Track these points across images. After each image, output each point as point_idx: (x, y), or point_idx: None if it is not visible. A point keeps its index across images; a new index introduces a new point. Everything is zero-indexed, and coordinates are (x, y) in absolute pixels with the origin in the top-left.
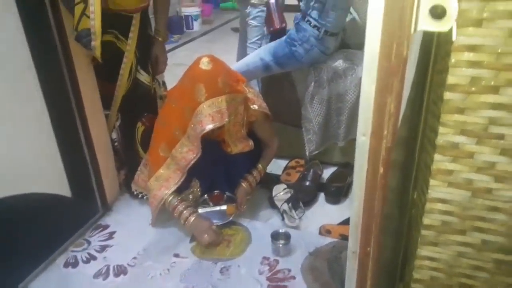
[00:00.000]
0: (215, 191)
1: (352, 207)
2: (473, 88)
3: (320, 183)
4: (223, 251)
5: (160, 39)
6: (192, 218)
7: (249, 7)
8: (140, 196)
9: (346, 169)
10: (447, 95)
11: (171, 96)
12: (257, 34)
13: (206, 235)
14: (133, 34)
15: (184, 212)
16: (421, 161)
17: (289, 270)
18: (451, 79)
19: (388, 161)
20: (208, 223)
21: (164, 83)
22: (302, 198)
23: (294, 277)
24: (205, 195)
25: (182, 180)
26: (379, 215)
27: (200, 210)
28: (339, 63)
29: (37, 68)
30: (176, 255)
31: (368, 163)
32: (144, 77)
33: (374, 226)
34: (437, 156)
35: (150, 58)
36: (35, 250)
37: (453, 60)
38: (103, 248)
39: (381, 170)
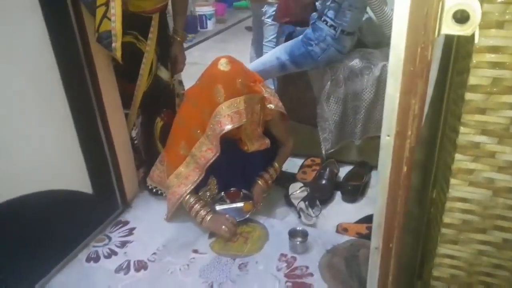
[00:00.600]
0: (232, 189)
1: (375, 205)
2: (494, 89)
3: (337, 182)
4: (241, 247)
5: (178, 39)
6: (208, 217)
7: (265, 6)
8: (154, 190)
9: (362, 168)
10: (468, 95)
11: (190, 96)
12: (273, 32)
13: (223, 227)
14: (153, 34)
15: (201, 211)
16: (440, 160)
17: (307, 267)
18: (472, 80)
19: (411, 161)
20: (224, 216)
21: (181, 82)
22: (319, 197)
23: (312, 274)
24: (222, 193)
25: (200, 178)
26: (402, 213)
27: (217, 207)
28: (356, 62)
29: (60, 69)
30: (195, 251)
31: (392, 163)
32: (164, 73)
33: (397, 223)
34: (458, 156)
35: (170, 56)
36: (58, 245)
37: (474, 61)
38: (123, 244)
39: (405, 169)
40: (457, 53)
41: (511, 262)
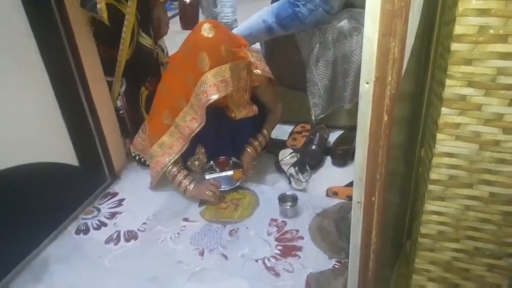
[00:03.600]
0: (221, 157)
1: (356, 157)
2: (481, 38)
3: (327, 147)
4: (231, 214)
5: (161, 0)
6: (191, 186)
7: None
8: (137, 158)
9: (352, 132)
10: (454, 46)
11: (173, 63)
12: None
13: (207, 192)
14: None
15: (184, 181)
16: (428, 118)
17: (297, 231)
18: (458, 29)
19: (392, 109)
20: (207, 182)
21: (163, 49)
22: (309, 162)
23: (302, 237)
24: (211, 161)
25: (185, 148)
26: (384, 164)
27: (207, 176)
28: (344, 23)
29: (36, 37)
30: (186, 219)
31: (372, 112)
32: (146, 40)
33: (379, 175)
34: (444, 110)
35: (151, 21)
36: (47, 218)
37: (460, 9)
38: (113, 215)
39: (386, 118)
40: (444, 4)
41: (498, 216)
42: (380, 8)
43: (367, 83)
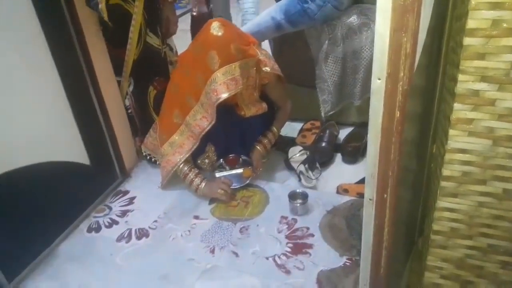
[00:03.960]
0: (231, 155)
1: (368, 154)
2: (494, 32)
3: (337, 144)
4: (241, 212)
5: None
6: (203, 184)
7: None
8: (148, 158)
9: (362, 128)
10: (467, 40)
11: (182, 62)
12: None
13: (219, 190)
14: None
15: (196, 179)
16: (440, 113)
17: (308, 228)
18: (471, 23)
19: (405, 105)
20: (218, 180)
21: (172, 48)
22: (319, 159)
23: (312, 235)
24: (221, 159)
25: (195, 147)
26: (396, 161)
27: (217, 174)
28: (354, 19)
29: (47, 37)
30: (196, 217)
31: (384, 108)
32: (153, 39)
33: (391, 172)
34: (456, 105)
35: (159, 20)
36: (59, 216)
37: (473, 3)
38: (124, 213)
39: (398, 114)
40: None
41: None
42: (392, 3)
43: (379, 79)
